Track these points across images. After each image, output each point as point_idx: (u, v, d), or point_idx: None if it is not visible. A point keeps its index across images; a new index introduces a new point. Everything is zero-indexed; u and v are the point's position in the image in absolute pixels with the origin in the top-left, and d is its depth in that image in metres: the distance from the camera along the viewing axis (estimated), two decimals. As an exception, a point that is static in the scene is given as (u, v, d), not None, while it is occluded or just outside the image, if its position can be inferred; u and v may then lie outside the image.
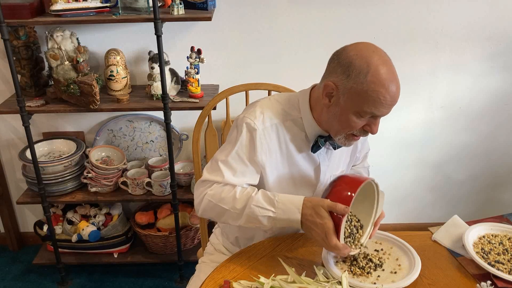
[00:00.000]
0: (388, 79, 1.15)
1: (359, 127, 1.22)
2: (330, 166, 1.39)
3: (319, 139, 1.30)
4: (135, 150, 2.39)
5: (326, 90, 1.21)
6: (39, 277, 2.43)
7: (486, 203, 2.62)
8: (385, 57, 1.18)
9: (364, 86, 1.14)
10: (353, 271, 1.20)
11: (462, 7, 2.15)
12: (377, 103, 1.16)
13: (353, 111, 1.19)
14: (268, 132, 1.28)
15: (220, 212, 1.26)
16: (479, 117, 2.39)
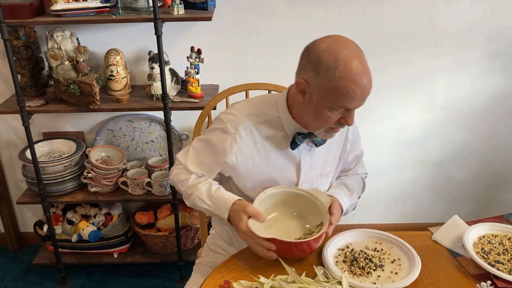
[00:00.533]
0: (357, 73, 1.15)
1: (334, 120, 1.24)
2: (313, 164, 1.39)
3: (296, 136, 1.31)
4: (135, 150, 2.39)
5: (299, 87, 1.24)
6: (39, 277, 2.43)
7: (486, 203, 2.62)
8: (354, 51, 1.18)
9: (334, 83, 1.16)
10: (353, 271, 1.20)
11: (462, 8, 2.15)
12: (348, 98, 1.17)
13: (326, 106, 1.20)
14: (241, 136, 1.31)
15: (179, 190, 1.40)
16: (479, 117, 2.39)
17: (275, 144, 1.34)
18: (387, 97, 2.33)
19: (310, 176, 1.40)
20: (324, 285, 1.11)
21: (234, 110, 1.35)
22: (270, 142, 1.33)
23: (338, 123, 1.25)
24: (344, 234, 1.34)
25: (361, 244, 1.31)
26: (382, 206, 2.62)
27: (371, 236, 1.34)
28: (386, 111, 2.36)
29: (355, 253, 1.27)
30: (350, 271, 1.20)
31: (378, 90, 2.33)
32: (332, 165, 1.45)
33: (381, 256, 1.26)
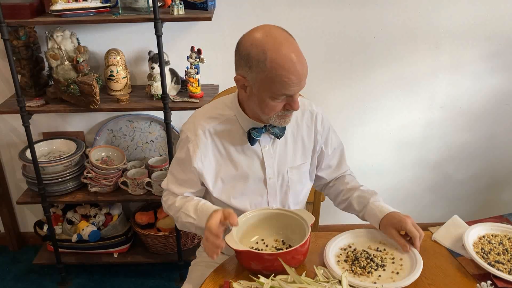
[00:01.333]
0: (287, 60, 1.17)
1: (280, 108, 1.25)
2: (279, 158, 1.40)
3: (251, 131, 1.33)
4: (135, 150, 2.39)
5: (239, 84, 1.28)
6: (39, 277, 2.43)
7: (486, 203, 2.62)
8: (280, 38, 1.19)
9: (267, 73, 1.18)
10: (354, 270, 1.20)
11: (462, 7, 2.15)
12: (284, 85, 1.19)
13: (268, 96, 1.22)
14: (201, 140, 1.34)
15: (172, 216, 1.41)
16: (479, 117, 2.39)
17: (236, 142, 1.36)
18: (387, 97, 2.33)
19: (279, 169, 1.40)
20: (324, 285, 1.11)
21: (191, 118, 1.41)
22: (231, 141, 1.36)
23: (285, 110, 1.27)
24: (347, 233, 1.34)
25: (363, 244, 1.31)
26: (382, 206, 2.61)
27: (374, 236, 1.34)
28: (386, 111, 2.36)
29: (357, 252, 1.27)
30: (351, 271, 1.20)
31: (378, 90, 2.34)
32: (304, 158, 1.45)
33: (383, 256, 1.26)
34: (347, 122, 2.36)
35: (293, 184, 1.44)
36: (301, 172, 1.45)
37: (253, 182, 1.39)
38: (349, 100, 2.34)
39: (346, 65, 2.27)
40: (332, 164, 1.52)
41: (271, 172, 1.39)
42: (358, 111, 2.36)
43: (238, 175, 1.37)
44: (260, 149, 1.37)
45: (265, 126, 1.34)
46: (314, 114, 1.44)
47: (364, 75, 2.29)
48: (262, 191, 1.41)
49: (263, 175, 1.39)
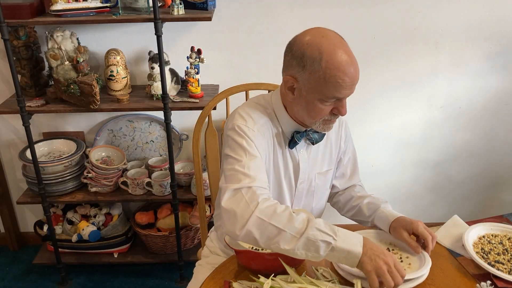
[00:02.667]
0: (342, 61, 1.15)
1: (327, 112, 1.24)
2: (311, 163, 1.40)
3: (295, 135, 1.31)
4: (135, 150, 2.39)
5: (287, 85, 1.24)
6: (39, 277, 2.43)
7: (486, 203, 2.62)
8: (335, 40, 1.18)
9: (321, 74, 1.16)
10: None
11: (462, 7, 2.15)
12: (337, 87, 1.17)
13: (317, 98, 1.20)
14: (262, 131, 1.28)
15: (271, 233, 1.08)
16: (479, 117, 2.39)
17: (278, 142, 1.34)
18: (387, 97, 2.33)
19: (309, 174, 1.41)
20: (325, 285, 1.11)
21: (242, 112, 1.30)
22: (275, 140, 1.33)
23: (332, 114, 1.25)
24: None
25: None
26: (382, 206, 2.62)
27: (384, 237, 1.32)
28: (386, 111, 2.36)
29: None
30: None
31: (378, 90, 2.34)
32: (330, 164, 1.46)
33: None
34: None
35: (318, 190, 1.45)
36: (326, 178, 1.46)
37: (286, 185, 1.38)
38: (349, 100, 2.33)
39: (346, 65, 2.26)
40: (346, 173, 1.52)
41: (303, 176, 1.39)
42: (358, 111, 2.36)
43: (275, 175, 1.36)
44: (296, 153, 1.36)
45: (306, 131, 1.33)
46: (341, 121, 1.45)
47: (363, 75, 2.27)
48: (290, 194, 1.41)
49: (294, 179, 1.39)
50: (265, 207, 1.10)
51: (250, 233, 1.09)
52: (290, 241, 1.08)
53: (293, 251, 1.09)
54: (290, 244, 1.08)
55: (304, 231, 1.08)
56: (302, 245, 1.08)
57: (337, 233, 1.09)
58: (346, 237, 1.10)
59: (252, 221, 1.09)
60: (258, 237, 1.09)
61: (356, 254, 1.08)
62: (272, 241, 1.09)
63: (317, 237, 1.07)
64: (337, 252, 1.08)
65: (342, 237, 1.09)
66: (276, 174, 1.36)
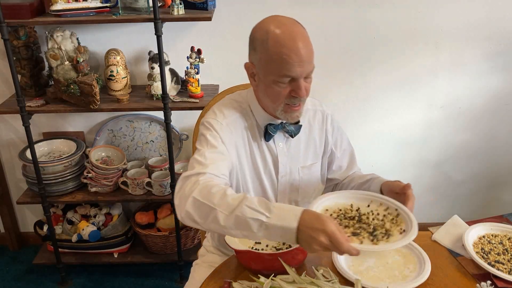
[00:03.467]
0: (286, 37, 1.17)
1: (285, 94, 1.24)
2: (291, 156, 1.40)
3: (268, 127, 1.32)
4: (135, 150, 2.39)
5: (248, 72, 1.28)
6: (39, 277, 2.43)
7: (486, 203, 2.62)
8: (285, 21, 1.21)
9: (268, 53, 1.19)
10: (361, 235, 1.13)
11: (462, 7, 2.15)
12: (284, 64, 1.18)
13: (272, 80, 1.22)
14: (233, 125, 1.31)
15: (205, 212, 1.08)
16: (479, 117, 2.39)
17: (253, 135, 1.35)
18: (387, 97, 2.33)
19: (290, 168, 1.40)
20: (324, 285, 1.11)
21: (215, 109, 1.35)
22: (251, 134, 1.35)
23: (291, 97, 1.24)
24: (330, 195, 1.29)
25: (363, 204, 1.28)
26: (382, 206, 2.61)
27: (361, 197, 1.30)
28: (386, 111, 2.36)
29: (362, 214, 1.22)
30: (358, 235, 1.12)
31: (378, 90, 2.34)
32: (315, 158, 1.45)
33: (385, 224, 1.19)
34: (347, 122, 2.36)
35: (303, 184, 1.44)
36: (311, 172, 1.45)
37: (266, 179, 1.39)
38: (349, 100, 2.34)
39: (346, 65, 2.27)
40: (343, 165, 1.52)
41: (283, 170, 1.39)
42: (358, 111, 2.36)
43: (254, 169, 1.37)
44: (274, 146, 1.37)
45: (281, 123, 1.34)
46: (325, 114, 1.45)
47: (364, 75, 2.29)
48: (273, 189, 1.41)
49: (275, 173, 1.39)
50: (203, 187, 1.10)
51: (189, 214, 1.10)
52: (223, 220, 1.06)
53: (228, 230, 1.07)
54: (223, 222, 1.06)
55: (234, 209, 1.05)
56: (234, 224, 1.06)
57: (272, 210, 1.04)
58: (281, 212, 1.04)
59: (189, 202, 1.09)
60: (197, 218, 1.09)
61: (291, 229, 1.02)
62: (207, 220, 1.08)
63: (246, 215, 1.04)
64: (272, 230, 1.04)
65: (277, 213, 1.04)
66: (254, 168, 1.37)
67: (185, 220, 1.12)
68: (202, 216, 1.09)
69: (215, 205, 1.07)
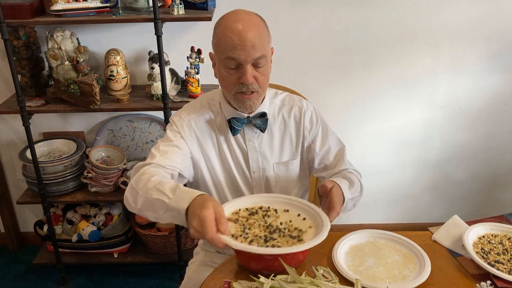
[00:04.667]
0: (232, 21, 1.22)
1: (233, 80, 1.26)
2: (263, 152, 1.39)
3: (231, 120, 1.34)
4: (135, 150, 2.39)
5: (212, 62, 1.33)
6: (39, 277, 2.43)
7: (486, 203, 2.62)
8: (240, 12, 1.26)
9: (218, 36, 1.25)
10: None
11: (462, 7, 2.15)
12: (228, 46, 1.21)
13: (222, 65, 1.26)
14: (195, 122, 1.36)
15: (134, 196, 1.18)
16: (479, 117, 2.39)
17: (222, 132, 1.37)
18: (387, 97, 2.33)
19: (263, 164, 1.40)
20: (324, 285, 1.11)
21: (181, 109, 1.41)
22: (218, 131, 1.38)
23: (239, 84, 1.26)
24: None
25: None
26: (382, 206, 2.62)
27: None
28: (386, 111, 2.36)
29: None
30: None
31: (378, 90, 2.34)
32: (292, 155, 1.43)
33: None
34: (347, 122, 2.36)
35: (280, 181, 1.43)
36: (289, 168, 1.43)
37: (238, 174, 1.40)
38: (349, 100, 2.34)
39: (346, 65, 2.27)
40: (329, 164, 1.45)
41: (254, 165, 1.40)
42: (358, 111, 2.36)
43: (222, 165, 1.39)
44: (243, 142, 1.38)
45: (248, 117, 1.34)
46: (303, 110, 1.41)
47: (364, 75, 2.29)
48: (247, 184, 1.41)
49: (247, 168, 1.40)
50: (139, 175, 1.20)
51: (126, 199, 1.21)
52: (140, 202, 1.15)
53: (143, 212, 1.16)
54: (140, 204, 1.15)
55: (146, 192, 1.13)
56: (144, 205, 1.14)
57: (175, 192, 1.09)
58: (182, 194, 1.08)
59: (128, 187, 1.22)
60: (131, 202, 1.19)
61: (181, 211, 1.06)
62: (137, 205, 1.17)
63: (152, 196, 1.11)
64: (171, 212, 1.08)
65: (178, 195, 1.08)
66: (224, 163, 1.39)
67: (126, 205, 1.23)
68: (133, 200, 1.19)
69: (138, 189, 1.16)
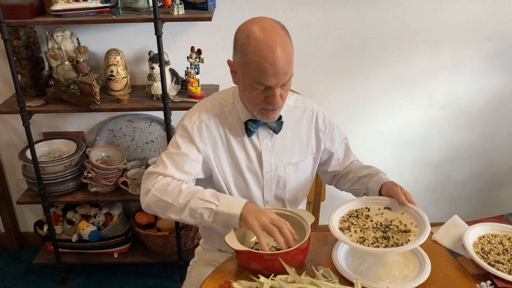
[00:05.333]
0: (265, 48, 1.18)
1: (260, 100, 1.26)
2: (277, 152, 1.40)
3: (248, 122, 1.34)
4: (135, 150, 2.39)
5: (230, 68, 1.32)
6: (39, 277, 2.43)
7: (486, 203, 2.62)
8: (268, 27, 1.20)
9: (247, 58, 1.21)
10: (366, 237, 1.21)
11: (462, 7, 2.15)
12: (260, 73, 1.19)
13: (248, 84, 1.24)
14: (206, 124, 1.35)
15: (163, 207, 1.27)
16: (479, 117, 2.39)
17: (236, 132, 1.37)
18: (387, 97, 2.33)
19: (276, 164, 1.41)
20: (324, 285, 1.11)
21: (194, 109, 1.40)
22: (232, 131, 1.37)
23: (267, 103, 1.26)
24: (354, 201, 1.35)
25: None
26: (382, 206, 2.61)
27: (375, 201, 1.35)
28: (386, 111, 2.36)
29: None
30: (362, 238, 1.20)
31: (378, 90, 2.34)
32: (302, 155, 1.44)
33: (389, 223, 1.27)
34: (347, 122, 2.36)
35: (290, 181, 1.44)
36: (298, 169, 1.45)
37: (250, 175, 1.39)
38: (349, 100, 2.34)
39: (346, 65, 2.27)
40: (340, 157, 1.54)
41: (268, 166, 1.40)
42: (358, 111, 2.36)
43: (237, 166, 1.38)
44: (258, 142, 1.38)
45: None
46: (315, 113, 1.45)
47: (364, 75, 2.29)
48: (258, 184, 1.41)
49: (259, 168, 1.40)
50: (160, 185, 1.28)
51: (149, 206, 1.30)
52: (178, 212, 1.25)
53: (183, 219, 1.26)
54: (179, 214, 1.25)
55: (187, 203, 1.24)
56: (188, 215, 1.25)
57: (220, 199, 1.23)
58: (228, 202, 1.23)
59: (149, 197, 1.28)
60: (156, 210, 1.29)
61: (235, 215, 1.20)
62: (166, 212, 1.27)
63: (198, 206, 1.23)
64: (220, 216, 1.22)
65: (224, 202, 1.23)
66: (234, 164, 1.38)
67: (147, 210, 1.32)
68: (161, 210, 1.28)
69: (171, 201, 1.25)
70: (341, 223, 1.28)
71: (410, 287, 1.14)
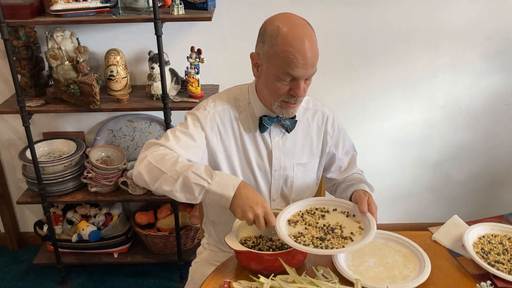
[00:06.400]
0: (295, 38, 1.20)
1: (284, 91, 1.26)
2: (286, 152, 1.41)
3: (263, 118, 1.34)
4: (135, 150, 2.39)
5: (253, 61, 1.31)
6: (39, 277, 2.43)
7: (486, 203, 2.62)
8: (296, 21, 1.24)
9: (275, 49, 1.21)
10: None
11: (462, 7, 2.15)
12: (289, 63, 1.20)
13: (274, 75, 1.24)
14: (220, 116, 1.35)
15: (156, 175, 1.21)
16: (479, 117, 2.39)
17: (248, 128, 1.37)
18: (387, 97, 2.33)
19: (285, 163, 1.41)
20: (324, 285, 1.11)
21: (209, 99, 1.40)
22: (245, 126, 1.37)
23: (289, 96, 1.27)
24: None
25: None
26: (382, 206, 2.59)
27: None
28: (386, 111, 2.37)
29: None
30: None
31: (378, 90, 2.34)
32: (310, 157, 1.45)
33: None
34: (347, 122, 2.35)
35: (297, 181, 1.45)
36: (306, 170, 1.46)
37: (259, 171, 1.40)
38: (349, 100, 2.34)
39: (346, 65, 2.27)
40: (342, 166, 1.53)
41: (277, 164, 1.40)
42: (358, 110, 2.36)
43: (247, 162, 1.39)
44: (269, 140, 1.39)
45: (277, 116, 1.35)
46: (326, 116, 1.46)
47: (364, 75, 2.29)
48: (266, 181, 1.42)
49: (269, 166, 1.40)
50: (157, 153, 1.23)
51: (140, 174, 1.23)
52: (170, 183, 1.19)
53: (173, 192, 1.19)
54: (170, 185, 1.19)
55: (181, 174, 1.17)
56: (179, 187, 1.18)
57: (214, 178, 1.17)
58: (222, 181, 1.17)
59: (143, 164, 1.23)
60: (147, 179, 1.22)
61: (227, 197, 1.16)
62: (157, 182, 1.20)
63: (191, 180, 1.16)
64: (211, 195, 1.17)
65: (218, 181, 1.17)
66: (246, 159, 1.38)
67: (136, 179, 1.26)
68: (152, 178, 1.21)
69: (166, 170, 1.19)
70: (294, 216, 1.28)
71: (410, 287, 1.14)
